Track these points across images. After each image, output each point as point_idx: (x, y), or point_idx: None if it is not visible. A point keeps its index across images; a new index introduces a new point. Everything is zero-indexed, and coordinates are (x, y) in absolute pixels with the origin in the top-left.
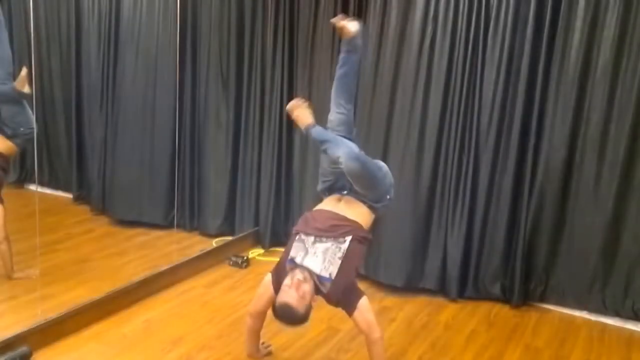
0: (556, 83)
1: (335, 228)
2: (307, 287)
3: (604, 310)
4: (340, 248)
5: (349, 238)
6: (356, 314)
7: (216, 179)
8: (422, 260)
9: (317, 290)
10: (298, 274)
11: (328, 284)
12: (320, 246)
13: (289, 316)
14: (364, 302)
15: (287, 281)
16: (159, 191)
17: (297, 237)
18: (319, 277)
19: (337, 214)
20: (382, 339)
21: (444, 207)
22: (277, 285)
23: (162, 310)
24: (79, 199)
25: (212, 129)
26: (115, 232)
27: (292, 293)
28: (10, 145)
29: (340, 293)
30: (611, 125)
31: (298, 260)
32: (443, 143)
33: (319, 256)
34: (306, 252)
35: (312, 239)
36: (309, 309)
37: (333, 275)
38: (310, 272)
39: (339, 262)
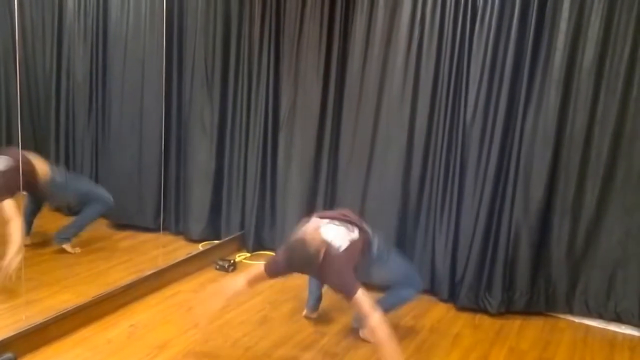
0: (540, 84)
1: (346, 217)
2: (319, 236)
3: (587, 313)
4: (350, 234)
5: (357, 230)
6: (354, 301)
7: (200, 183)
8: (411, 261)
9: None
10: (314, 224)
11: (335, 252)
12: (334, 227)
13: (301, 249)
14: (360, 293)
15: (303, 227)
16: (147, 195)
17: (309, 219)
18: (330, 244)
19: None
20: (382, 321)
21: (431, 211)
22: (271, 269)
23: (147, 315)
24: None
25: (196, 133)
26: (102, 236)
27: (308, 231)
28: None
29: (342, 269)
30: (595, 127)
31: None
32: (431, 145)
33: (332, 230)
34: (321, 225)
35: (326, 221)
36: (318, 251)
37: (341, 249)
38: (323, 237)
39: (348, 243)
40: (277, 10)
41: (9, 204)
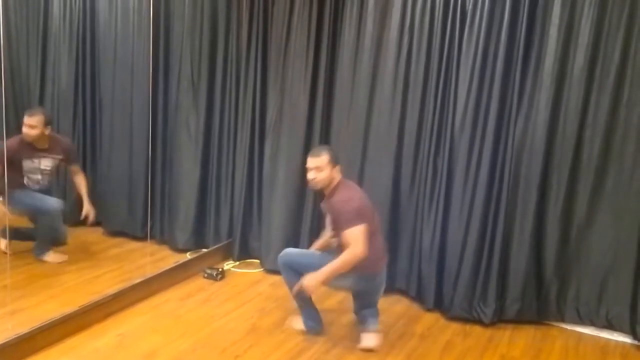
0: (531, 89)
1: None
2: None
3: (578, 320)
4: None
5: None
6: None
7: (186, 190)
8: (398, 265)
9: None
10: None
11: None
12: None
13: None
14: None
15: None
16: (135, 202)
17: None
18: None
19: None
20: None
21: (418, 218)
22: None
23: (136, 324)
24: None
25: (182, 140)
26: (89, 244)
27: None
28: None
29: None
30: (586, 132)
31: None
32: (420, 150)
33: None
34: None
35: None
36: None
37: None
38: None
39: None
40: (265, 15)
41: None
